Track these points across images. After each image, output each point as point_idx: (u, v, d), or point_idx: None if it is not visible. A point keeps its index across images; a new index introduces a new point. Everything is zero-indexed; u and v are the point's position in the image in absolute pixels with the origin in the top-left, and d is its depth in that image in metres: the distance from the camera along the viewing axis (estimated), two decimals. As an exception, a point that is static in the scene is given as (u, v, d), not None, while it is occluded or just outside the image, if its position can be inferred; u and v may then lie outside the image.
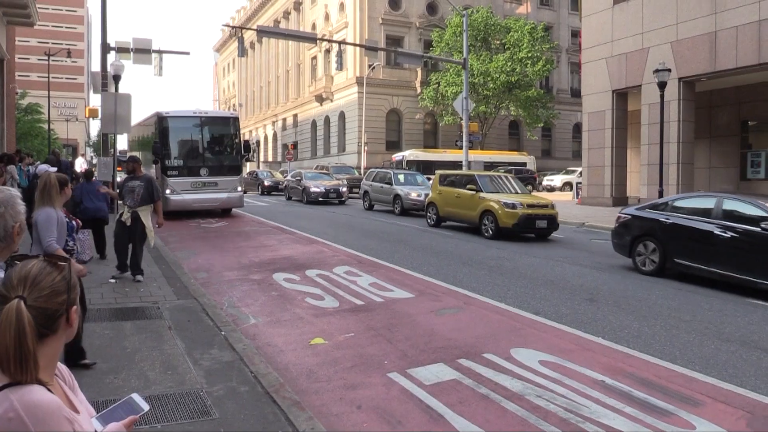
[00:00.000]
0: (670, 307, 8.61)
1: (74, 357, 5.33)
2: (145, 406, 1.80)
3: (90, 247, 5.43)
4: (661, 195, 18.67)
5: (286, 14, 63.86)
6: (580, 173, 31.07)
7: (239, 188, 19.76)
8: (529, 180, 37.36)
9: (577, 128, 50.07)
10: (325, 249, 13.54)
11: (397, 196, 22.54)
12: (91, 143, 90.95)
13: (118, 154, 22.26)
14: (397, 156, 40.20)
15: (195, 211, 19.49)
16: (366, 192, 25.23)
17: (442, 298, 8.91)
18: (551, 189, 40.56)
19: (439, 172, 19.69)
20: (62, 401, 1.53)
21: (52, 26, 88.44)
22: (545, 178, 43.14)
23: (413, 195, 21.86)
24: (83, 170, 13.11)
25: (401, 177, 23.57)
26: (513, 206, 15.43)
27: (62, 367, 1.71)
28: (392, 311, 8.12)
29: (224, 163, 19.58)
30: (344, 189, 27.89)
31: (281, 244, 14.12)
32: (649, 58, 23.31)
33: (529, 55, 40.71)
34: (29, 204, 3.45)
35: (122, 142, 48.03)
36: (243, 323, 7.50)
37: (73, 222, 5.59)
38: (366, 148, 45.62)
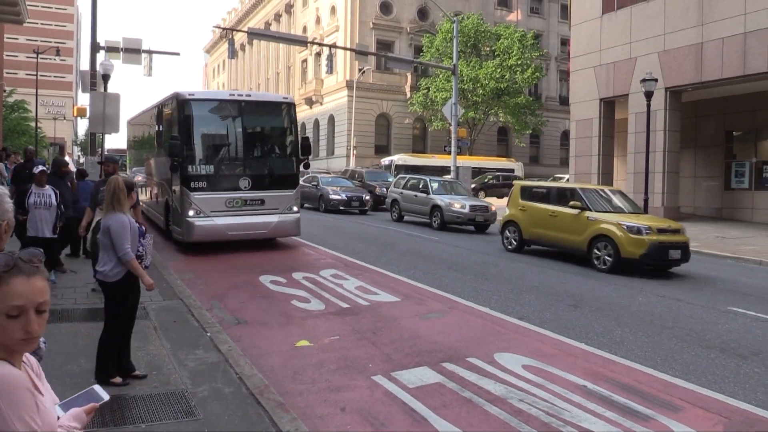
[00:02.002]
0: (653, 314, 8.72)
1: (125, 369, 5.36)
2: (105, 396, 1.90)
3: (151, 252, 5.44)
4: (646, 203, 18.86)
5: (277, 17, 63.86)
6: (567, 180, 31.31)
7: (295, 207, 13.57)
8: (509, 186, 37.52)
9: (565, 136, 50.39)
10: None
11: (436, 207, 19.44)
12: (78, 142, 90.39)
13: (106, 153, 22.10)
14: (385, 160, 40.26)
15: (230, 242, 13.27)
16: (395, 201, 21.99)
17: (426, 303, 8.97)
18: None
19: (520, 183, 16.00)
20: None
21: (42, 24, 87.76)
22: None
23: (456, 206, 18.99)
24: (76, 170, 13.13)
25: (435, 184, 20.70)
26: (638, 231, 12.03)
27: (31, 358, 1.79)
28: (378, 314, 8.16)
29: (274, 171, 13.49)
30: (367, 197, 24.76)
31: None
32: (636, 67, 23.55)
33: (519, 62, 40.98)
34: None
35: (112, 141, 47.75)
36: (229, 325, 7.51)
37: (142, 227, 5.57)
38: (355, 152, 45.67)
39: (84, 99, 64.82)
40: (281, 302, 8.72)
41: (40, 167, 8.97)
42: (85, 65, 65.90)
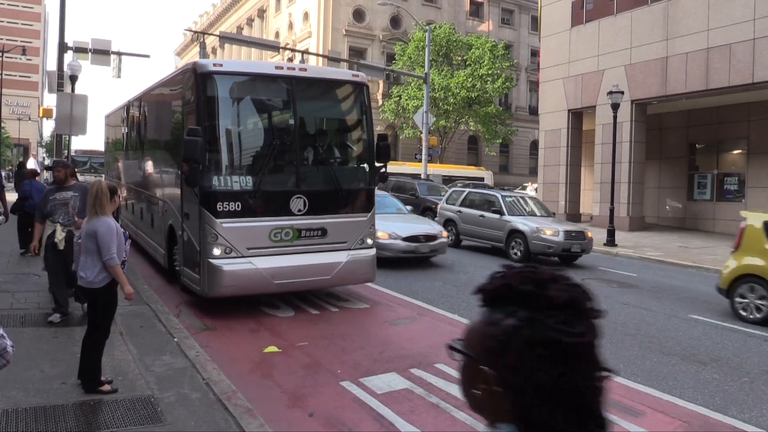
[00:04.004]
0: (617, 322, 8.90)
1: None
2: None
3: (128, 255, 5.37)
4: (612, 213, 19.22)
5: (250, 21, 63.57)
6: (535, 188, 31.83)
7: (369, 240, 9.24)
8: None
9: (534, 145, 51.05)
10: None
11: (516, 233, 14.80)
12: (43, 143, 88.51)
13: (72, 154, 21.69)
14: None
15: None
16: (450, 221, 17.00)
17: (396, 309, 9.01)
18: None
19: (763, 217, 9.76)
20: None
21: (8, 22, 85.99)
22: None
23: (547, 233, 14.33)
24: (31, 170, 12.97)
25: (508, 200, 16.09)
26: None
27: None
28: (347, 321, 8.18)
29: (341, 185, 9.02)
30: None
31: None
32: (603, 79, 24.03)
33: (490, 72, 41.44)
34: None
35: (80, 142, 46.93)
36: (197, 331, 7.45)
37: (126, 231, 5.49)
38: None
39: (50, 100, 63.61)
40: (250, 308, 8.67)
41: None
42: (52, 65, 64.59)
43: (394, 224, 13.13)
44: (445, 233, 13.99)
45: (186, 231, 8.75)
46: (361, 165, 9.57)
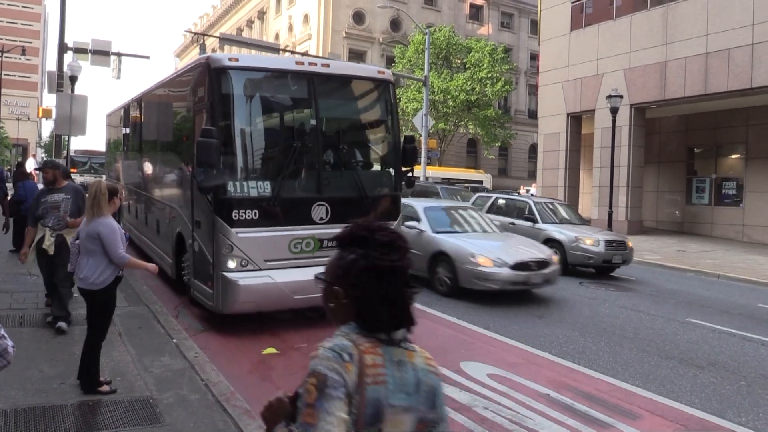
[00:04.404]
0: (615, 325, 8.92)
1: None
2: None
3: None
4: (610, 217, 19.27)
5: (250, 23, 63.63)
6: (527, 192, 31.94)
7: None
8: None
9: (533, 149, 51.14)
10: None
11: (551, 243, 13.27)
12: (42, 144, 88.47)
13: (72, 154, 21.67)
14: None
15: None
16: None
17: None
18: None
19: None
20: None
21: (7, 22, 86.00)
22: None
23: (587, 243, 13.27)
24: (32, 171, 12.93)
25: (540, 206, 14.96)
26: None
27: None
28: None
29: (366, 191, 8.33)
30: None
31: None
32: (603, 83, 24.09)
33: (489, 75, 41.50)
34: None
35: (79, 142, 46.85)
36: (196, 332, 7.45)
37: (126, 233, 5.50)
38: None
39: (50, 100, 63.56)
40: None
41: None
42: (51, 66, 64.54)
43: (487, 244, 10.76)
44: (555, 257, 11.32)
45: (197, 240, 8.07)
46: (387, 169, 8.87)
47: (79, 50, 20.78)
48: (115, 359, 5.96)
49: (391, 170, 8.74)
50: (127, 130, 14.40)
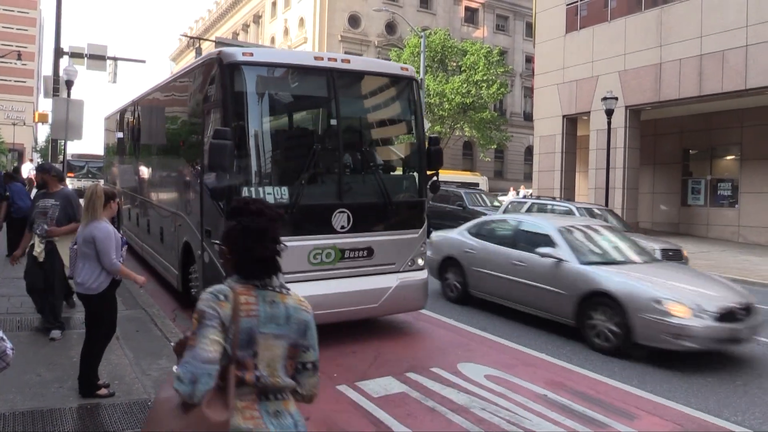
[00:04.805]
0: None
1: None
2: None
3: (125, 260, 5.28)
4: (606, 218, 19.31)
5: (245, 27, 63.68)
6: (517, 194, 32.11)
7: (420, 260, 7.87)
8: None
9: (529, 151, 51.26)
10: None
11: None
12: (38, 148, 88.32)
13: (69, 158, 21.62)
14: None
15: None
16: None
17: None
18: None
19: None
20: None
21: (3, 27, 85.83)
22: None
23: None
24: (30, 176, 12.87)
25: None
26: None
27: None
28: (342, 324, 8.19)
29: (389, 195, 7.62)
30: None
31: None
32: (598, 85, 24.17)
33: (484, 78, 41.59)
34: None
35: (76, 146, 46.66)
36: (193, 335, 7.44)
37: (124, 237, 5.47)
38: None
39: (46, 104, 63.53)
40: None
41: None
42: (47, 70, 64.54)
43: (672, 284, 7.51)
44: (752, 297, 7.88)
45: (207, 251, 7.46)
46: (411, 173, 8.14)
47: (75, 54, 20.75)
48: (113, 362, 5.95)
49: (416, 174, 8.00)
50: (130, 133, 13.69)
